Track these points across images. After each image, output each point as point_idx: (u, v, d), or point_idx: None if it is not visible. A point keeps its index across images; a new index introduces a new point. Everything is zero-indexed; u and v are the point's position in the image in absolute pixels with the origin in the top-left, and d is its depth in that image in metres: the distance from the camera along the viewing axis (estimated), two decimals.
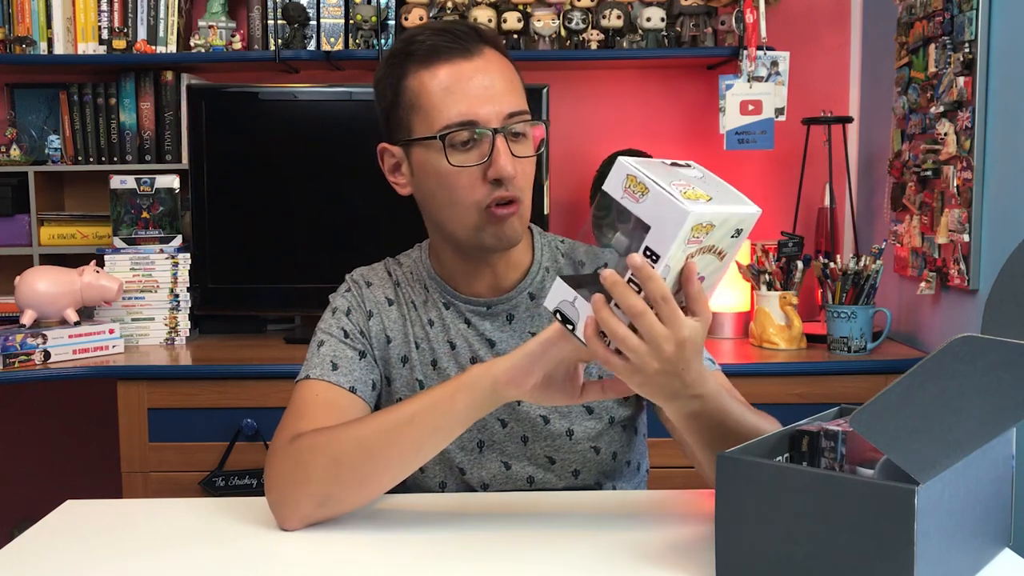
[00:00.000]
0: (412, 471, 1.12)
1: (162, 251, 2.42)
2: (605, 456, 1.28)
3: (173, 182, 2.43)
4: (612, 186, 0.93)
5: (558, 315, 0.97)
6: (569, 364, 1.06)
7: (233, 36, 2.55)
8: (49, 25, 2.55)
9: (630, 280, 0.92)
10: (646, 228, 0.90)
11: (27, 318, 2.22)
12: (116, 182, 2.42)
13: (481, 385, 1.06)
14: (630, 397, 1.28)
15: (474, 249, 1.23)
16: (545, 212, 2.42)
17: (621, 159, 0.94)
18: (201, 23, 2.55)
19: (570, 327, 0.96)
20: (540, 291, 1.28)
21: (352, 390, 1.21)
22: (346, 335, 1.26)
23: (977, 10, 1.91)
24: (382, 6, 2.52)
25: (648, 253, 0.90)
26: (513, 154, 1.17)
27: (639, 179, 0.91)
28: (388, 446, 1.08)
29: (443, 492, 1.27)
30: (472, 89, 1.16)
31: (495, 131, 1.15)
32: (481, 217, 1.18)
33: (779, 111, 2.47)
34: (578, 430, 1.26)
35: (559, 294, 0.97)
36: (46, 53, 2.55)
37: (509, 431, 1.26)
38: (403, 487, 1.21)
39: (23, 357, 2.14)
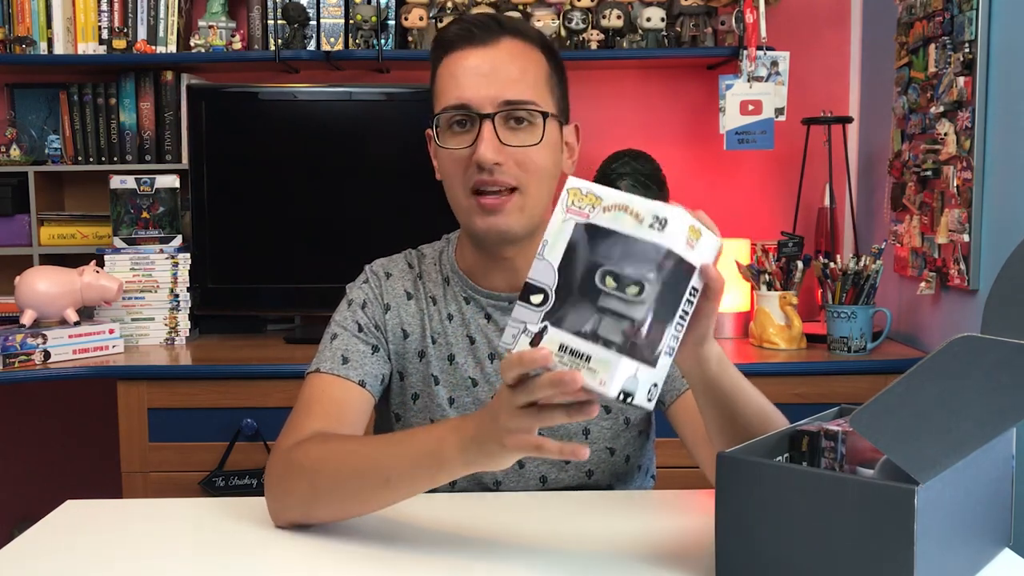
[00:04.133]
0: (388, 502, 1.08)
1: (162, 251, 2.42)
2: (619, 458, 1.28)
3: (173, 182, 2.43)
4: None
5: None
6: None
7: (233, 36, 2.55)
8: (49, 25, 2.55)
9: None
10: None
11: (27, 318, 2.22)
12: (116, 182, 2.42)
13: (452, 463, 0.99)
14: None
15: (476, 238, 1.23)
16: None
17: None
18: (201, 23, 2.55)
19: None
20: None
21: (361, 383, 1.22)
22: (360, 329, 1.26)
23: (977, 10, 1.90)
24: (382, 6, 2.52)
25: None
26: (504, 142, 1.16)
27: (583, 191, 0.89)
28: (361, 493, 1.07)
29: (453, 487, 1.27)
30: (471, 75, 1.17)
31: (483, 116, 1.16)
32: (470, 203, 1.19)
33: (779, 111, 2.47)
34: (594, 430, 1.26)
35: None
36: (46, 53, 2.55)
37: None
38: None
39: (23, 357, 2.14)
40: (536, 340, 0.86)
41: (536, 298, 0.88)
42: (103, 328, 2.27)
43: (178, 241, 2.43)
